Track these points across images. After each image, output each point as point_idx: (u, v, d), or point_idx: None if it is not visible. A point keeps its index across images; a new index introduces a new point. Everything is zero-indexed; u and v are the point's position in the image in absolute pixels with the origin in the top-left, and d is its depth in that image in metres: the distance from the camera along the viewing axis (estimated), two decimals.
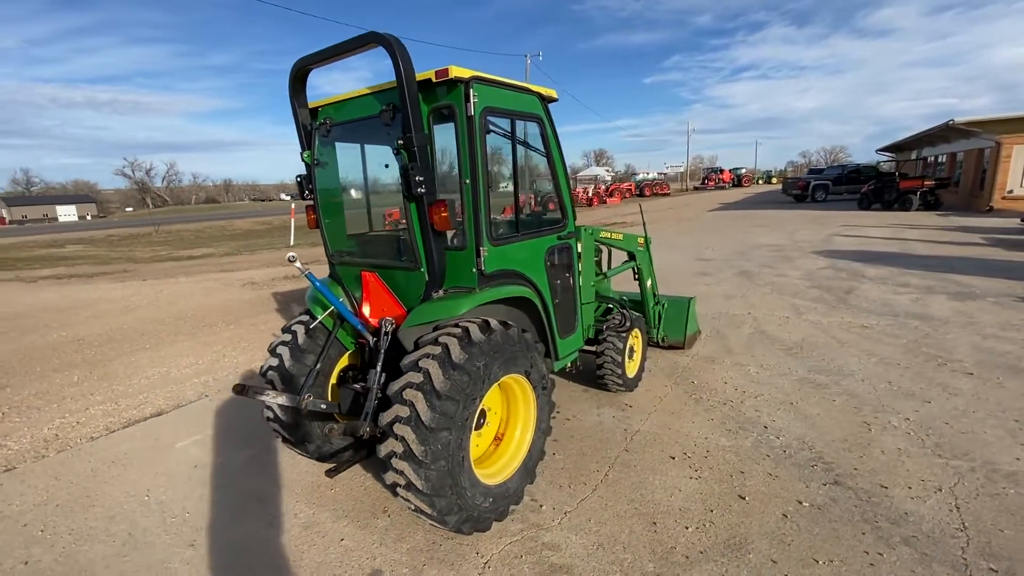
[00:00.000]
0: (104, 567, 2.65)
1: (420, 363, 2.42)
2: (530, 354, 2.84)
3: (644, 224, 5.16)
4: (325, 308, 3.09)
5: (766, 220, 18.77)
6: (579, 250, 3.74)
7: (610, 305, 4.37)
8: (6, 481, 3.55)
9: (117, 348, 6.83)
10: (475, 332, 2.53)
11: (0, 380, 5.76)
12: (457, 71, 2.46)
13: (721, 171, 54.34)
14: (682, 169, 59.08)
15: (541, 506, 2.97)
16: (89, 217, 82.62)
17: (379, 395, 2.62)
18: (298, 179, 3.14)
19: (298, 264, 2.74)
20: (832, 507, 2.81)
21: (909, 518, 2.69)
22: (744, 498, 2.93)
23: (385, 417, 2.40)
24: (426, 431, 2.30)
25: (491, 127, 3.03)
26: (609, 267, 4.81)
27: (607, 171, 69.26)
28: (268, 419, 3.18)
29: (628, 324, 4.11)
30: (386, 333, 2.76)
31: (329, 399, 3.20)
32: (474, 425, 2.75)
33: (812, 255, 10.76)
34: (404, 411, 2.34)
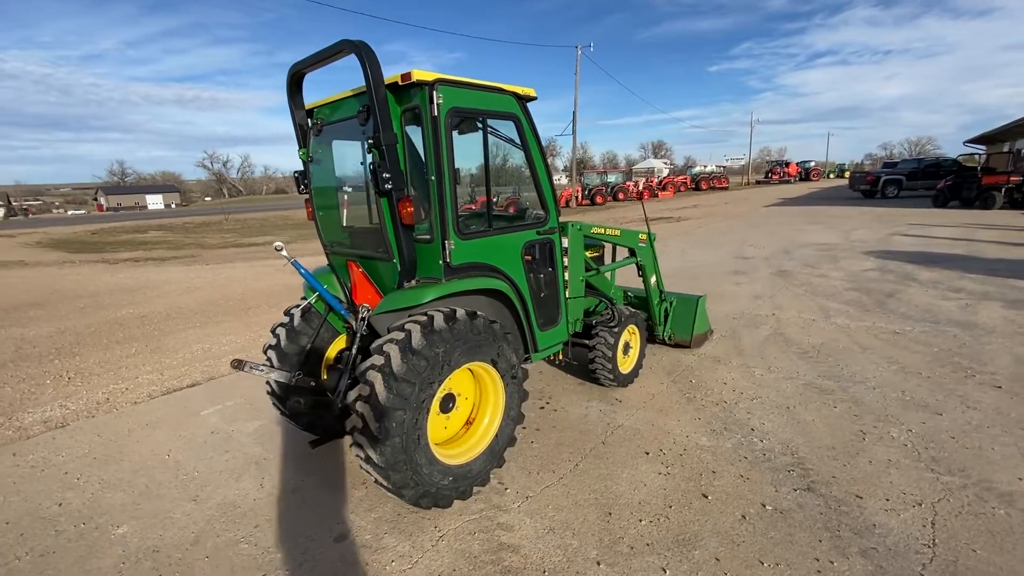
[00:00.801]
0: (120, 512, 3.05)
1: (384, 347, 2.61)
2: (497, 344, 2.97)
3: (647, 220, 5.11)
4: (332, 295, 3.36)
5: (824, 217, 17.67)
6: (565, 245, 3.80)
7: (603, 300, 4.39)
8: (59, 436, 4.11)
9: (172, 325, 7.57)
10: (438, 320, 2.69)
11: (73, 349, 6.56)
12: (420, 74, 2.61)
13: (787, 164, 51.41)
14: (743, 162, 56.29)
15: (506, 489, 3.10)
16: (173, 206, 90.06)
17: (351, 375, 2.84)
18: (295, 175, 3.41)
19: (284, 252, 3.01)
20: (795, 512, 2.76)
21: (875, 530, 2.60)
22: (707, 497, 2.93)
23: (350, 395, 2.62)
24: (382, 410, 2.49)
25: (481, 127, 3.18)
26: (614, 263, 4.82)
27: (665, 163, 67.31)
28: (268, 393, 3.51)
29: (618, 320, 4.13)
30: (362, 318, 2.98)
31: (323, 378, 3.48)
32: (439, 408, 2.94)
33: (862, 255, 10.09)
34: (365, 390, 2.54)
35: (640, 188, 34.09)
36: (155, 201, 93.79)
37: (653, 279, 4.97)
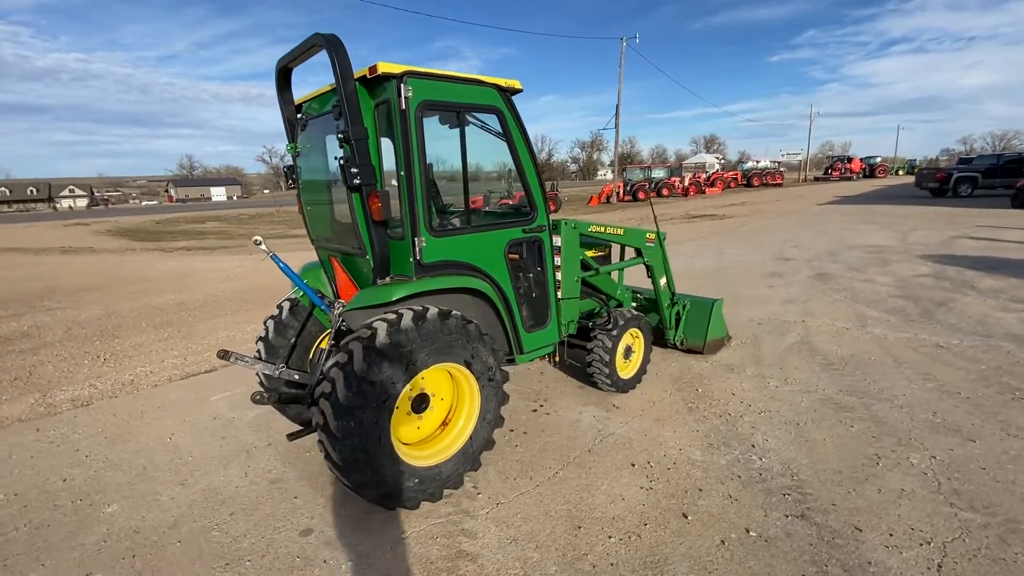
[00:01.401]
0: (115, 491, 3.20)
1: (349, 345, 2.59)
2: (471, 345, 2.89)
3: (655, 218, 4.86)
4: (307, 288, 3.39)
5: (882, 217, 16.42)
6: (557, 244, 3.66)
7: (599, 302, 4.22)
8: (80, 414, 4.38)
9: (206, 312, 7.96)
10: (406, 320, 2.64)
11: (115, 332, 7.01)
12: (386, 67, 2.55)
13: (849, 160, 48.25)
14: (801, 157, 53.24)
15: (479, 493, 3.03)
16: (234, 198, 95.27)
17: (321, 371, 2.84)
18: (284, 169, 3.44)
19: (263, 247, 3.05)
20: (782, 541, 2.53)
21: (869, 568, 2.34)
22: (687, 517, 2.74)
23: (317, 391, 2.61)
24: (341, 408, 2.47)
25: (471, 120, 3.10)
26: (616, 263, 4.63)
27: (717, 159, 64.77)
28: (259, 384, 3.58)
29: (614, 323, 3.95)
30: (338, 314, 2.98)
31: (307, 371, 3.52)
32: (411, 408, 2.90)
33: (918, 259, 9.28)
34: (327, 387, 2.53)
35: (686, 184, 32.95)
36: (218, 193, 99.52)
37: (663, 280, 4.73)
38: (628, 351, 4.24)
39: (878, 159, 49.17)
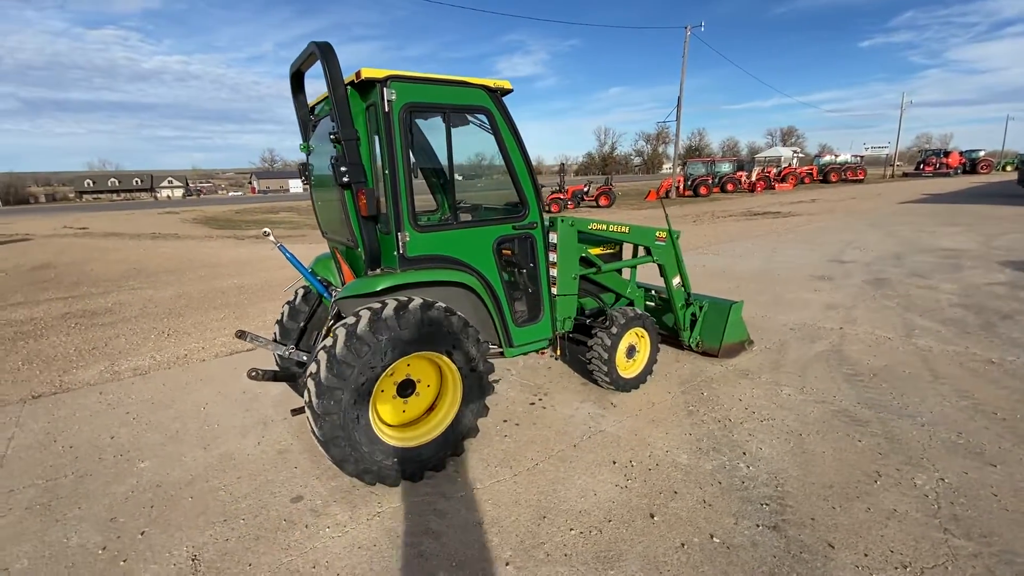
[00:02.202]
0: (149, 449, 3.65)
1: (336, 330, 2.81)
2: (453, 336, 3.02)
3: (667, 216, 4.75)
4: (315, 276, 3.67)
5: (969, 218, 14.81)
6: (553, 241, 3.71)
7: (598, 300, 4.20)
8: (137, 381, 4.97)
9: (262, 296, 8.65)
10: (387, 309, 2.81)
11: (181, 311, 7.81)
12: (370, 72, 2.71)
13: (946, 153, 43.61)
14: (888, 150, 48.70)
15: (458, 478, 3.17)
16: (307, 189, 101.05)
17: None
18: (299, 166, 3.72)
19: (271, 237, 3.34)
20: (745, 550, 2.48)
21: None
22: (654, 517, 2.74)
23: (306, 371, 2.86)
24: (323, 387, 2.69)
25: (470, 120, 3.24)
26: (620, 261, 4.58)
27: (794, 152, 60.78)
28: (275, 362, 3.93)
29: (612, 321, 3.94)
30: (332, 301, 3.21)
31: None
32: (396, 392, 3.09)
33: (996, 266, 8.36)
34: (313, 368, 2.76)
35: (753, 179, 31.25)
36: (296, 185, 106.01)
37: (676, 280, 4.63)
38: (631, 350, 4.21)
39: (981, 153, 44.08)
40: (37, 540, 2.74)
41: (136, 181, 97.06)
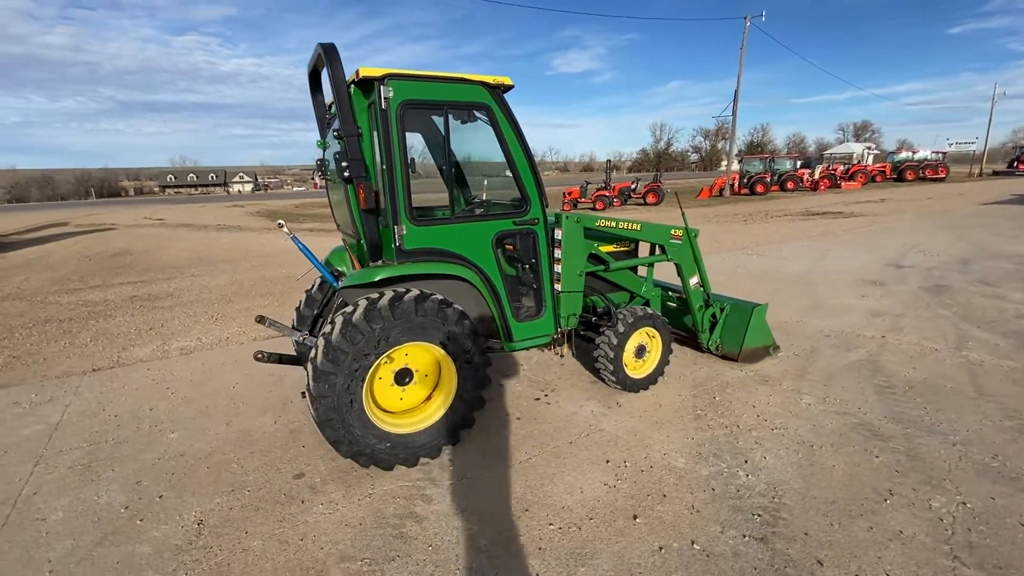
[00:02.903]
0: (180, 422, 3.97)
1: (335, 318, 2.95)
2: (446, 328, 3.10)
3: (683, 214, 4.59)
4: (327, 267, 3.86)
5: None
6: (558, 237, 3.69)
7: (604, 299, 4.14)
8: (181, 360, 5.40)
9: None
10: (383, 300, 2.93)
11: (232, 297, 8.37)
12: (367, 71, 2.81)
13: None
14: (976, 147, 44.29)
15: (452, 466, 3.25)
16: None
17: None
18: (316, 162, 3.91)
19: (285, 229, 3.53)
20: (725, 559, 2.40)
21: None
22: (636, 519, 2.70)
23: (308, 356, 3.02)
24: (319, 371, 2.84)
25: (476, 116, 3.31)
26: (631, 259, 4.48)
27: (868, 148, 56.68)
28: (293, 347, 4.16)
29: (617, 320, 3.88)
30: (337, 291, 3.37)
31: None
32: (394, 380, 3.21)
33: None
34: (313, 353, 2.92)
35: (816, 177, 29.43)
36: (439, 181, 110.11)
37: (694, 280, 4.49)
38: (641, 350, 4.13)
39: None
40: (73, 496, 3.07)
41: (211, 176, 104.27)
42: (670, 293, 4.95)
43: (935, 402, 3.85)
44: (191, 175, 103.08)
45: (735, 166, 29.65)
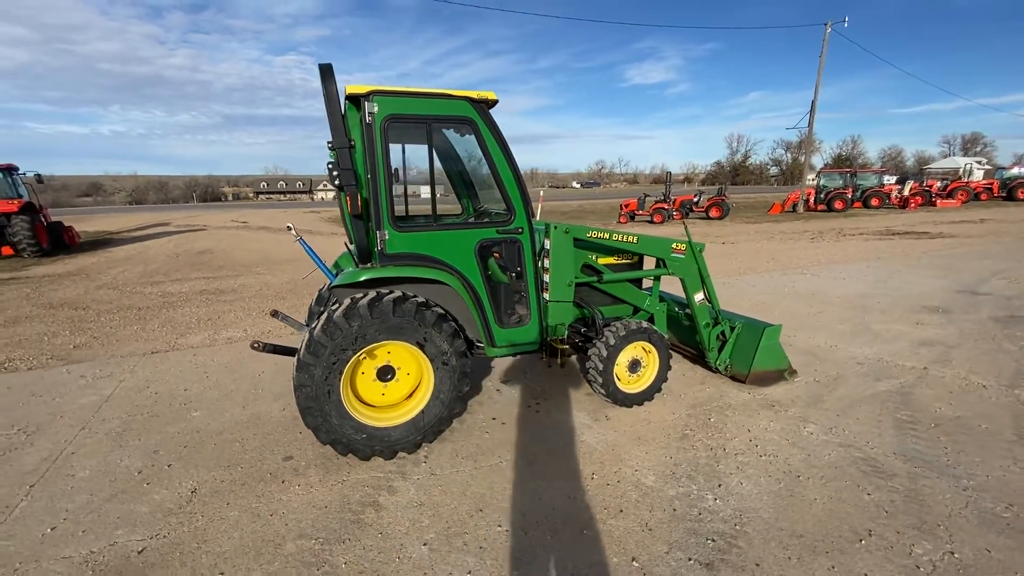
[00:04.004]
0: (205, 403, 4.41)
1: (322, 314, 3.20)
2: (424, 329, 3.25)
3: (687, 229, 4.45)
4: (334, 268, 4.16)
5: None
6: (546, 246, 3.75)
7: (591, 310, 4.11)
8: (224, 348, 5.97)
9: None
10: (363, 300, 3.14)
11: (286, 295, 9.08)
12: (353, 88, 3.04)
13: None
14: None
15: (424, 462, 3.39)
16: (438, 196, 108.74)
17: None
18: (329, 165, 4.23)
19: (293, 232, 3.85)
20: None
21: None
22: (584, 531, 2.69)
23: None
24: (301, 363, 3.09)
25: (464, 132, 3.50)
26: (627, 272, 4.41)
27: (978, 163, 51.01)
28: None
29: (607, 333, 3.85)
30: (328, 290, 3.63)
31: None
32: (376, 376, 3.41)
33: None
34: (300, 346, 3.18)
35: (905, 194, 26.90)
36: (425, 190, 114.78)
37: (699, 296, 4.35)
38: (635, 364, 4.06)
39: None
40: (101, 458, 3.53)
41: (299, 184, 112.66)
42: (678, 309, 4.81)
43: (961, 442, 3.48)
44: (281, 183, 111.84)
45: (811, 180, 27.76)
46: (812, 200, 26.15)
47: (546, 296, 3.80)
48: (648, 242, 4.15)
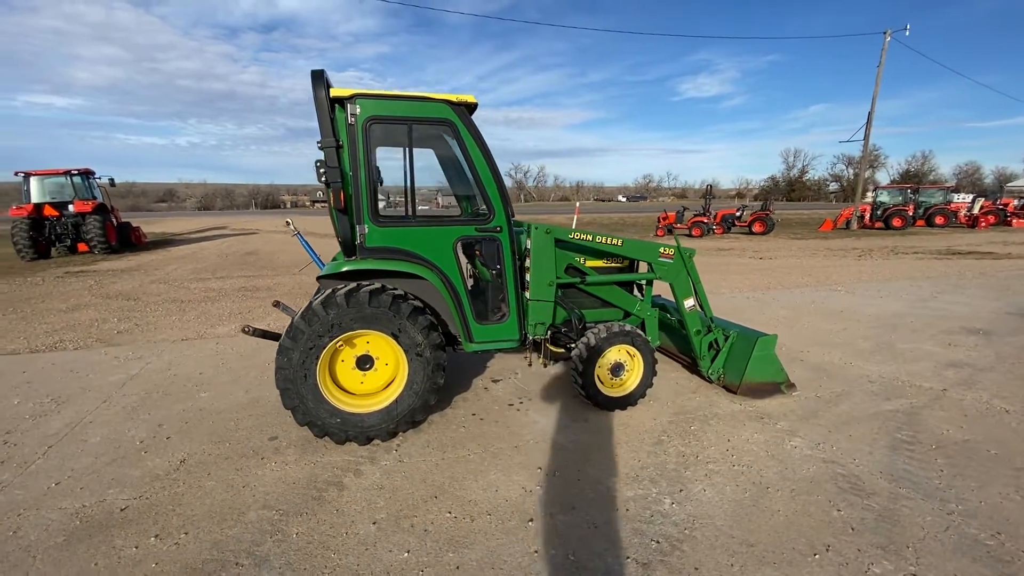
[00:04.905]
0: (215, 385, 4.74)
1: (307, 303, 3.41)
2: (399, 321, 3.39)
3: (675, 235, 4.37)
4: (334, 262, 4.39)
5: None
6: (527, 246, 3.81)
7: (572, 313, 4.11)
8: (243, 338, 6.35)
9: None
10: (340, 290, 3.32)
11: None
12: (336, 92, 3.24)
13: None
14: None
15: (395, 449, 3.50)
16: None
17: None
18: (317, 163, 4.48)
19: (292, 228, 4.11)
20: (591, 575, 2.33)
21: None
22: (530, 523, 2.71)
23: None
24: (282, 347, 3.30)
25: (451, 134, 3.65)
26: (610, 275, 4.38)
27: None
28: None
29: (580, 335, 3.85)
30: (317, 279, 3.84)
31: None
32: (355, 364, 3.58)
33: None
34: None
35: (974, 211, 24.94)
36: (441, 198, 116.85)
37: (689, 303, 4.27)
38: (618, 368, 4.03)
39: None
40: (112, 428, 3.87)
41: None
42: (670, 316, 4.73)
43: (960, 466, 3.24)
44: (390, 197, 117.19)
45: (868, 196, 26.25)
46: (868, 217, 24.72)
47: (528, 295, 3.86)
48: (634, 245, 4.13)
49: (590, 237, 4.01)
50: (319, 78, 3.32)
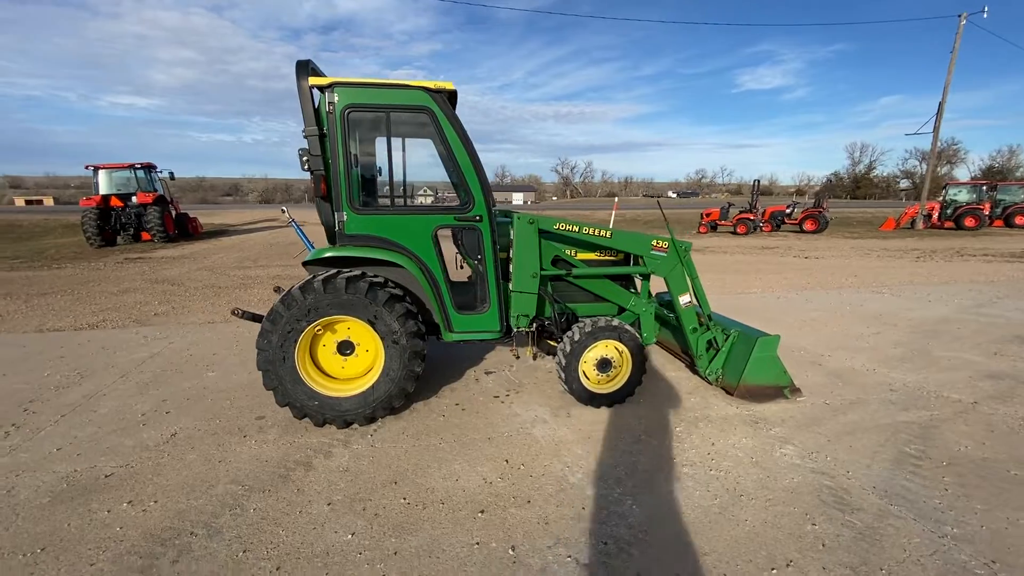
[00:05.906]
0: (224, 366, 4.98)
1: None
2: (374, 307, 3.43)
3: (668, 224, 4.16)
4: None
5: None
6: (511, 237, 3.75)
7: (557, 304, 3.99)
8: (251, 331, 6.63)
9: None
10: (318, 277, 3.40)
11: None
12: (314, 80, 3.29)
13: None
14: None
15: (372, 434, 3.55)
16: (528, 203, 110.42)
17: None
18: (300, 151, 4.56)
19: (287, 215, 4.22)
20: (528, 571, 2.27)
21: None
22: (481, 514, 2.68)
23: None
24: (263, 329, 3.42)
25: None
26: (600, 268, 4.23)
27: None
28: None
29: (559, 328, 3.74)
30: (303, 265, 3.93)
31: None
32: (336, 349, 3.65)
33: None
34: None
35: (1007, 212, 22.44)
36: (517, 198, 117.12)
37: (684, 299, 4.08)
38: (605, 364, 3.91)
39: None
40: (123, 401, 4.14)
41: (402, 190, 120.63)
42: (668, 314, 4.53)
43: (970, 486, 2.92)
44: (386, 187, 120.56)
45: (946, 194, 24.17)
46: (936, 216, 22.80)
47: (511, 286, 3.81)
48: (624, 237, 3.98)
49: (576, 228, 3.89)
50: (303, 68, 3.39)
